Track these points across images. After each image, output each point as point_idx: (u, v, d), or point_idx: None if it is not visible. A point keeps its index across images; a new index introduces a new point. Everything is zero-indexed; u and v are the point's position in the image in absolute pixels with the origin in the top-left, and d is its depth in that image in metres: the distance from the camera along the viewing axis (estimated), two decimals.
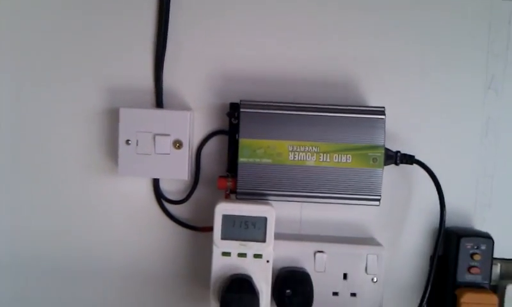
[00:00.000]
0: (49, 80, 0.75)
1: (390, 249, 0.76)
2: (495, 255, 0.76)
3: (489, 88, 0.76)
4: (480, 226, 0.77)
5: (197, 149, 0.75)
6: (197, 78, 0.75)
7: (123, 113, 0.70)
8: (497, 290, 0.77)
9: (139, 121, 0.70)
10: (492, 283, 0.76)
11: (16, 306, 0.77)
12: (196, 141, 0.76)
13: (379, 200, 0.70)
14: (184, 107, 0.75)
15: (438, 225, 0.74)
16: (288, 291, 0.70)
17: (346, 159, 0.69)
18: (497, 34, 0.76)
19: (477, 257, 0.73)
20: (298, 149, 0.69)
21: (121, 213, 0.76)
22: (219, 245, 0.67)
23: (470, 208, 0.77)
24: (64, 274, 0.77)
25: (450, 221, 0.76)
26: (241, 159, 0.69)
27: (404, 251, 0.77)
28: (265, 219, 0.67)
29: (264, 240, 0.67)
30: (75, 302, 0.77)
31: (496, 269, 0.78)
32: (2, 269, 0.77)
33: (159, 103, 0.74)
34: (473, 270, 0.73)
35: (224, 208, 0.67)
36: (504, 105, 0.76)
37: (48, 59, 0.75)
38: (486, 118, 0.77)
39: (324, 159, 0.69)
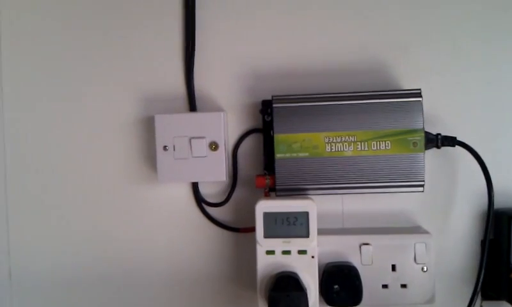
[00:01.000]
0: (86, 93, 0.77)
1: (438, 236, 0.74)
2: None
3: None
4: None
5: (233, 150, 0.75)
6: (227, 79, 0.75)
7: (159, 119, 0.71)
8: None
9: (175, 126, 0.71)
10: None
11: None
12: (231, 142, 0.76)
13: (423, 186, 0.68)
14: (217, 109, 0.75)
15: (486, 207, 0.71)
16: (336, 286, 0.68)
17: (385, 146, 0.67)
18: None
19: None
20: (334, 140, 0.68)
21: (163, 220, 0.76)
22: (263, 244, 0.67)
23: None
24: (111, 283, 0.78)
25: (498, 203, 0.73)
26: (278, 155, 0.68)
27: (453, 238, 0.75)
28: (307, 213, 0.66)
29: (307, 236, 0.66)
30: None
31: None
32: (50, 278, 0.78)
33: (192, 107, 0.75)
34: None
35: (265, 205, 0.67)
36: None
37: (83, 73, 0.77)
38: None
39: (362, 148, 0.67)
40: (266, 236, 0.66)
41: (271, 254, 0.67)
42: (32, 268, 0.78)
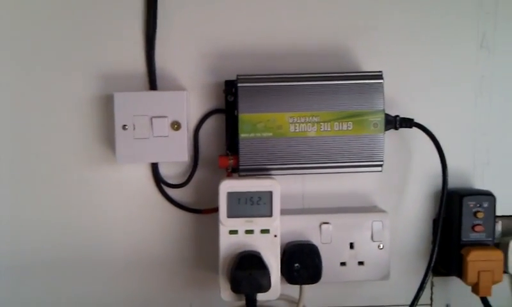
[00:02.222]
0: (40, 70, 0.73)
1: (394, 215, 0.77)
2: (498, 213, 0.77)
3: (481, 46, 0.77)
4: (480, 184, 0.78)
5: (194, 131, 0.74)
6: (190, 57, 0.74)
7: (118, 98, 0.69)
8: (500, 246, 0.78)
9: (135, 105, 0.69)
10: (496, 241, 0.77)
11: (20, 299, 0.75)
12: (193, 122, 0.74)
13: (381, 165, 0.70)
14: (178, 88, 0.74)
15: (439, 187, 0.74)
16: (296, 264, 0.70)
17: (347, 127, 0.69)
18: None
19: (480, 215, 0.74)
20: (298, 121, 0.68)
21: (121, 201, 0.74)
22: (226, 223, 0.67)
23: (469, 167, 0.78)
24: (67, 264, 0.75)
25: (450, 183, 0.76)
26: (242, 135, 0.68)
27: (408, 216, 0.78)
28: (271, 193, 0.67)
29: (270, 215, 0.67)
30: (78, 291, 0.76)
31: (498, 226, 0.78)
32: (5, 263, 0.75)
33: (153, 85, 0.73)
34: (477, 229, 0.74)
35: (229, 185, 0.66)
36: (496, 62, 0.77)
37: (37, 49, 0.73)
38: (479, 77, 0.77)
39: (325, 128, 0.68)
40: (229, 215, 0.66)
41: (234, 234, 0.67)
42: None
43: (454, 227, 0.75)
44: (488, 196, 0.74)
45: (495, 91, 0.77)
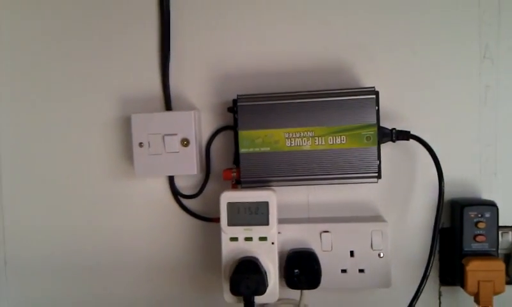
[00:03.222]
0: (66, 94, 0.84)
1: (396, 225, 0.79)
2: (505, 223, 0.76)
3: (484, 57, 0.77)
4: (487, 195, 0.78)
5: (206, 146, 0.81)
6: (201, 80, 0.81)
7: (135, 118, 0.78)
8: (510, 257, 0.77)
9: (149, 125, 0.77)
10: (505, 251, 0.77)
11: (50, 300, 0.86)
12: (205, 139, 0.82)
13: (376, 177, 0.73)
14: (191, 108, 0.81)
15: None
16: (296, 270, 0.74)
17: (341, 140, 0.72)
18: (488, 2, 0.77)
19: (481, 225, 0.74)
20: (294, 136, 0.73)
21: (142, 211, 0.83)
22: (227, 231, 0.73)
23: (476, 178, 0.78)
24: (95, 268, 0.85)
25: (456, 193, 0.78)
26: (242, 150, 0.74)
27: (409, 226, 0.79)
28: (267, 203, 0.72)
29: (267, 223, 0.72)
30: (103, 292, 0.85)
31: (508, 237, 0.78)
32: (41, 265, 0.86)
33: (168, 106, 0.81)
34: (478, 239, 0.74)
35: (229, 196, 0.72)
36: (500, 72, 0.77)
37: (65, 75, 0.84)
38: (483, 87, 0.78)
39: (320, 142, 0.73)
40: (230, 224, 0.72)
41: (235, 241, 0.73)
42: (25, 256, 0.86)
43: (456, 237, 0.76)
44: (490, 206, 0.74)
45: (500, 101, 0.77)
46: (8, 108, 0.86)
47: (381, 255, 0.76)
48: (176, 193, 0.82)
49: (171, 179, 0.82)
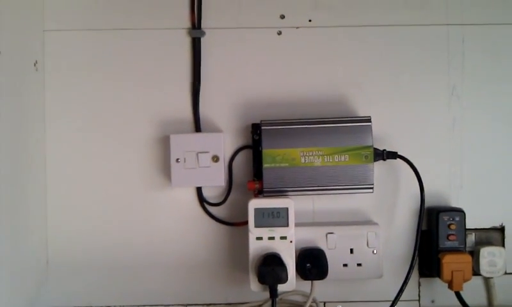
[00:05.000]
0: (113, 116, 0.98)
1: (386, 227, 0.97)
2: (470, 226, 0.96)
3: (452, 94, 0.98)
4: (455, 203, 0.98)
5: (229, 162, 0.97)
6: (225, 107, 0.97)
7: (173, 138, 0.92)
8: (473, 253, 0.97)
9: (185, 144, 0.92)
10: (469, 249, 0.97)
11: (97, 295, 0.98)
12: (228, 156, 0.97)
13: (372, 188, 0.91)
14: (216, 130, 0.97)
15: None
16: (308, 265, 0.90)
17: (344, 158, 0.90)
18: (455, 51, 0.98)
19: (453, 227, 0.93)
20: (307, 154, 0.90)
21: (174, 217, 0.97)
22: (254, 232, 0.88)
23: (446, 190, 0.98)
24: (133, 268, 0.97)
25: (431, 202, 0.97)
26: (265, 165, 0.90)
27: (397, 228, 0.98)
28: (287, 209, 0.88)
29: (287, 225, 0.88)
30: (139, 289, 0.98)
31: (472, 238, 0.98)
32: (82, 265, 0.98)
33: (198, 128, 0.96)
34: (451, 238, 0.93)
35: (256, 203, 0.88)
36: (464, 106, 0.98)
37: (112, 101, 0.98)
38: (452, 118, 0.98)
39: (328, 160, 0.90)
40: (256, 226, 0.88)
41: (260, 240, 0.88)
42: (67, 257, 0.98)
43: (433, 237, 0.95)
44: (459, 211, 0.94)
45: (465, 129, 0.98)
46: (60, 124, 0.97)
47: (375, 252, 0.93)
48: (203, 201, 0.97)
49: (199, 190, 0.97)
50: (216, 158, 0.92)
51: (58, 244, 0.98)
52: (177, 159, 0.92)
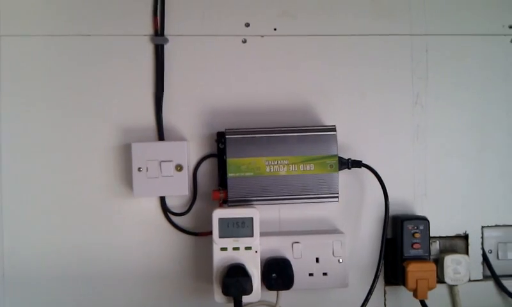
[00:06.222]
0: (72, 123, 0.95)
1: (352, 236, 0.97)
2: (434, 234, 0.97)
3: (415, 103, 0.99)
4: (420, 211, 0.99)
5: (193, 171, 0.95)
6: (189, 114, 0.96)
7: (135, 147, 0.90)
8: (438, 261, 0.97)
9: (148, 152, 0.90)
10: (434, 257, 0.97)
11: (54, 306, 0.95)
12: (192, 164, 0.95)
13: (337, 197, 0.90)
14: (181, 138, 0.95)
15: None
16: (273, 275, 0.89)
17: (310, 167, 0.90)
18: (418, 60, 0.99)
19: (417, 235, 0.94)
20: (272, 163, 0.89)
21: (136, 227, 0.95)
22: (218, 242, 0.86)
23: (410, 198, 0.99)
24: (92, 280, 0.94)
25: (396, 210, 0.97)
26: (229, 174, 0.89)
27: (362, 237, 0.98)
28: (252, 218, 0.87)
29: (252, 235, 0.87)
30: (100, 301, 0.95)
31: (436, 245, 0.99)
32: (39, 277, 0.94)
33: (161, 136, 0.94)
34: (415, 246, 0.94)
35: (220, 213, 0.87)
36: (428, 115, 0.99)
37: (72, 108, 0.95)
38: (415, 126, 0.99)
39: (293, 169, 0.89)
40: (220, 236, 0.86)
41: (224, 250, 0.86)
42: (23, 269, 0.94)
43: (398, 245, 0.95)
44: (423, 220, 0.94)
45: (428, 137, 0.99)
46: (16, 132, 0.94)
47: (341, 261, 0.93)
48: (167, 211, 0.95)
49: (162, 199, 0.95)
50: (179, 168, 0.91)
51: (15, 256, 0.94)
52: (139, 168, 0.90)
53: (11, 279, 0.94)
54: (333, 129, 0.91)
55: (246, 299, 0.85)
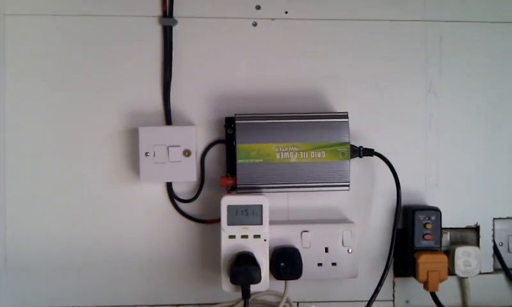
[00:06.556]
0: (78, 107, 0.92)
1: (362, 226, 0.95)
2: (445, 225, 0.95)
3: (429, 91, 0.96)
4: (431, 202, 0.97)
5: (201, 157, 0.93)
6: (198, 99, 0.93)
7: (142, 131, 0.88)
8: (449, 253, 0.96)
9: (155, 137, 0.88)
10: (444, 248, 0.96)
11: (58, 294, 0.93)
12: (200, 150, 0.93)
13: (348, 185, 0.88)
14: (188, 123, 0.93)
15: None
16: (282, 264, 0.87)
17: (321, 155, 0.88)
18: (432, 48, 0.96)
19: (428, 226, 0.92)
20: (283, 150, 0.87)
21: (143, 213, 0.93)
22: (226, 230, 0.85)
23: (421, 188, 0.97)
24: (97, 267, 0.93)
25: (407, 200, 0.95)
26: (239, 161, 0.87)
27: (373, 227, 0.96)
28: (261, 206, 0.85)
29: (261, 223, 0.85)
30: (106, 290, 0.93)
31: (447, 237, 0.97)
32: (42, 264, 0.92)
33: (169, 121, 0.92)
34: (426, 237, 0.92)
35: (229, 200, 0.85)
36: (441, 104, 0.96)
37: (79, 91, 0.92)
38: (428, 115, 0.96)
39: (304, 156, 0.87)
40: (229, 223, 0.84)
41: (233, 238, 0.85)
42: (26, 256, 0.92)
43: (409, 236, 0.93)
44: (435, 210, 0.92)
45: (441, 126, 0.97)
46: (21, 115, 0.92)
47: (350, 251, 0.91)
48: (173, 197, 0.93)
49: (169, 185, 0.92)
50: (187, 153, 0.88)
51: (18, 241, 0.92)
52: (146, 153, 0.88)
53: (15, 266, 0.92)
54: (345, 116, 0.88)
55: (253, 288, 0.83)
